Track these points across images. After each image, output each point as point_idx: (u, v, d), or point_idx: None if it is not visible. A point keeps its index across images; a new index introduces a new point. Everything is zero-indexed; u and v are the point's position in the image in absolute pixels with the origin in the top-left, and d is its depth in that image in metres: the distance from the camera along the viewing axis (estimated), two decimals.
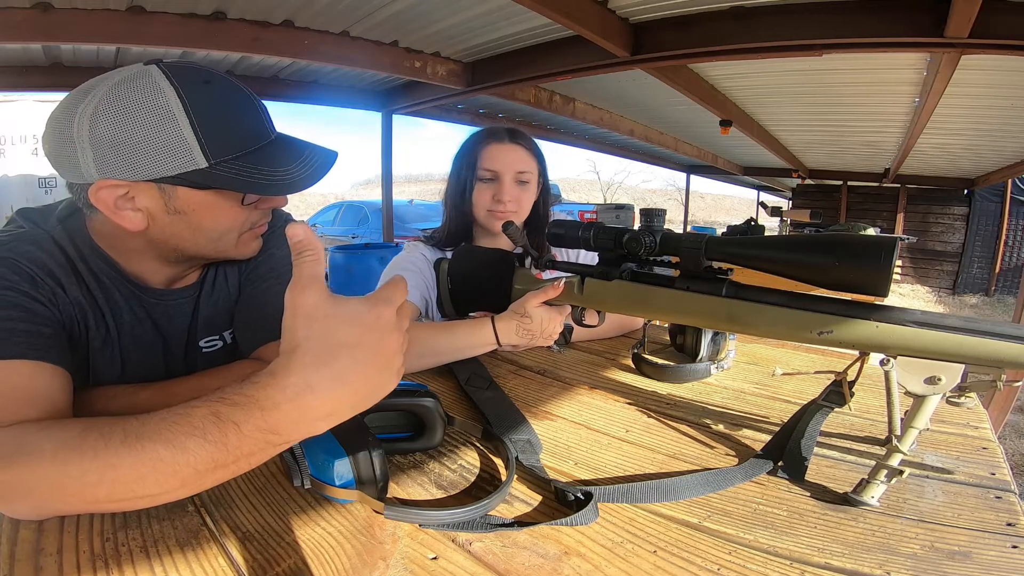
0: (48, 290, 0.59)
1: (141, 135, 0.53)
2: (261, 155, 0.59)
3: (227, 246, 0.66)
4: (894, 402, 0.55)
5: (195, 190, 0.58)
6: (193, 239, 0.63)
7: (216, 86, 0.58)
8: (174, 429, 0.41)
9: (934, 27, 2.14)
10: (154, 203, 0.58)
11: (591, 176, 33.04)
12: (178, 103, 0.54)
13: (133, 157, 0.54)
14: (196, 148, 0.55)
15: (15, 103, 5.49)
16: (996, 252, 8.41)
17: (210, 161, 0.55)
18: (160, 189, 0.57)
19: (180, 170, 0.55)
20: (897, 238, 0.48)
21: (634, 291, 0.69)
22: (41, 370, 0.52)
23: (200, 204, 0.59)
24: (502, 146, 1.09)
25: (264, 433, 0.41)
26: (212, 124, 0.55)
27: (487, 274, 0.91)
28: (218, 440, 0.40)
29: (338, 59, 3.18)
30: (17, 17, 2.39)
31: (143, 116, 0.53)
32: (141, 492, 0.41)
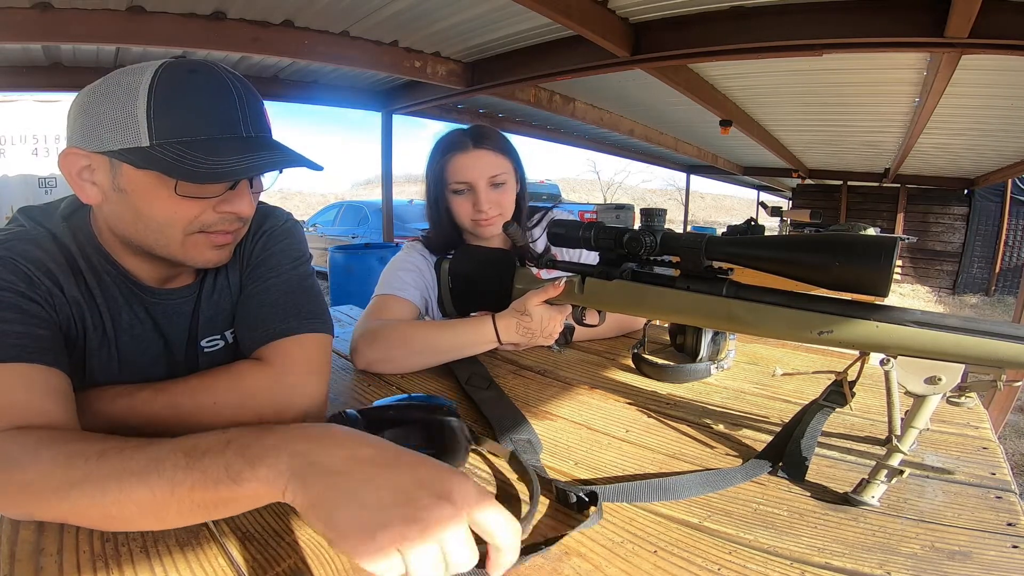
0: (45, 290, 0.59)
1: (103, 108, 0.56)
2: (209, 145, 0.56)
3: (170, 242, 0.62)
4: (894, 402, 0.55)
5: (134, 169, 0.57)
6: (134, 224, 0.61)
7: (199, 75, 0.57)
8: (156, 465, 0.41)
9: (934, 27, 2.14)
10: (105, 178, 0.58)
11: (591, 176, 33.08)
12: (147, 83, 0.55)
13: (92, 128, 0.56)
14: (143, 126, 0.55)
15: (15, 103, 5.49)
16: (996, 252, 8.41)
17: (152, 141, 0.55)
18: (111, 164, 0.57)
19: (122, 145, 0.55)
20: (897, 238, 0.48)
21: (635, 291, 0.69)
22: (36, 373, 0.52)
23: (139, 184, 0.58)
24: (467, 155, 1.04)
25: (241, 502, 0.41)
26: (167, 107, 0.55)
27: (488, 273, 0.91)
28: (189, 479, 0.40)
29: (338, 59, 3.18)
30: (17, 17, 2.39)
31: (114, 92, 0.55)
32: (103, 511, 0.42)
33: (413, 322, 0.98)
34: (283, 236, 0.77)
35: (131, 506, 0.41)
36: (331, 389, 0.77)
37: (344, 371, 0.89)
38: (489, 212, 1.04)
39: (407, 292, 1.02)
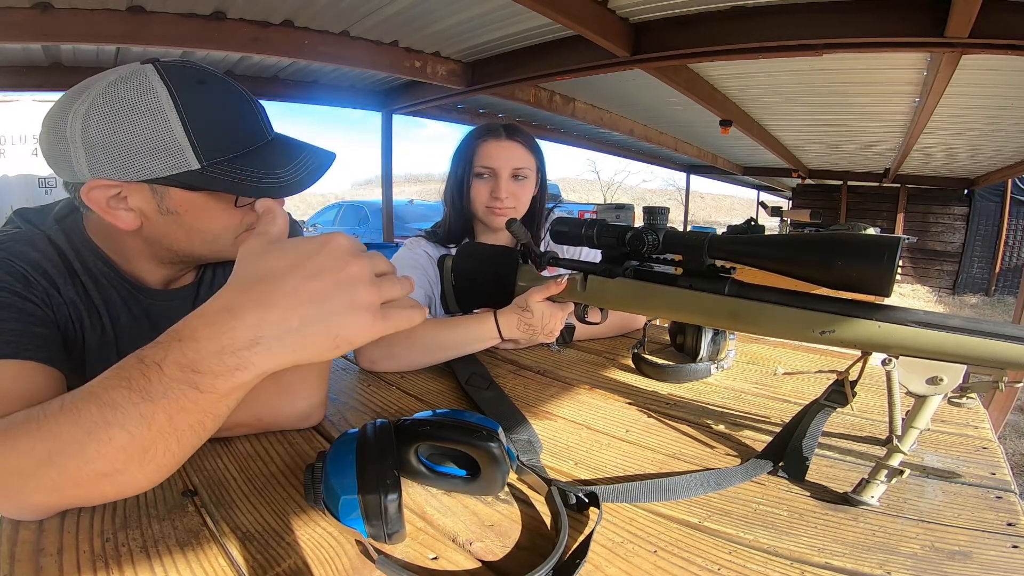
0: (41, 290, 0.59)
1: (132, 135, 0.53)
2: (256, 157, 0.58)
3: (223, 247, 0.65)
4: (895, 402, 0.55)
5: (187, 191, 0.57)
6: (187, 240, 0.62)
7: (211, 86, 0.58)
8: (103, 383, 0.39)
9: (934, 27, 2.14)
10: (146, 203, 0.58)
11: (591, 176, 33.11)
12: (170, 103, 0.53)
13: (124, 157, 0.53)
14: (188, 149, 0.54)
15: (15, 103, 5.48)
16: (996, 252, 8.42)
17: (202, 163, 0.55)
18: (152, 189, 0.57)
19: (171, 171, 0.54)
20: (900, 238, 0.48)
21: (637, 289, 0.69)
22: (30, 370, 0.51)
23: (193, 205, 0.59)
24: (499, 143, 1.09)
25: (186, 373, 0.37)
26: (205, 125, 0.55)
27: (491, 271, 0.91)
28: (142, 388, 0.38)
29: (338, 59, 3.19)
30: (17, 17, 2.39)
31: (135, 116, 0.53)
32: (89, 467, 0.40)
33: None
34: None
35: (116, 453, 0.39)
36: (331, 389, 0.77)
37: (344, 371, 0.89)
38: (505, 201, 1.06)
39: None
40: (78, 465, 0.40)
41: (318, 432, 0.67)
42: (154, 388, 0.38)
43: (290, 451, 0.62)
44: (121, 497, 0.48)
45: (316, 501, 0.48)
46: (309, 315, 0.37)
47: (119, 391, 0.38)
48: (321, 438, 0.66)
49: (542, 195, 1.17)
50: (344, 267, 0.38)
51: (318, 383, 0.68)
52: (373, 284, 0.39)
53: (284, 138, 0.64)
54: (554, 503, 0.50)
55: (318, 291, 0.38)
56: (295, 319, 0.37)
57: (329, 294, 0.38)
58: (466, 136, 1.15)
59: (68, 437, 0.39)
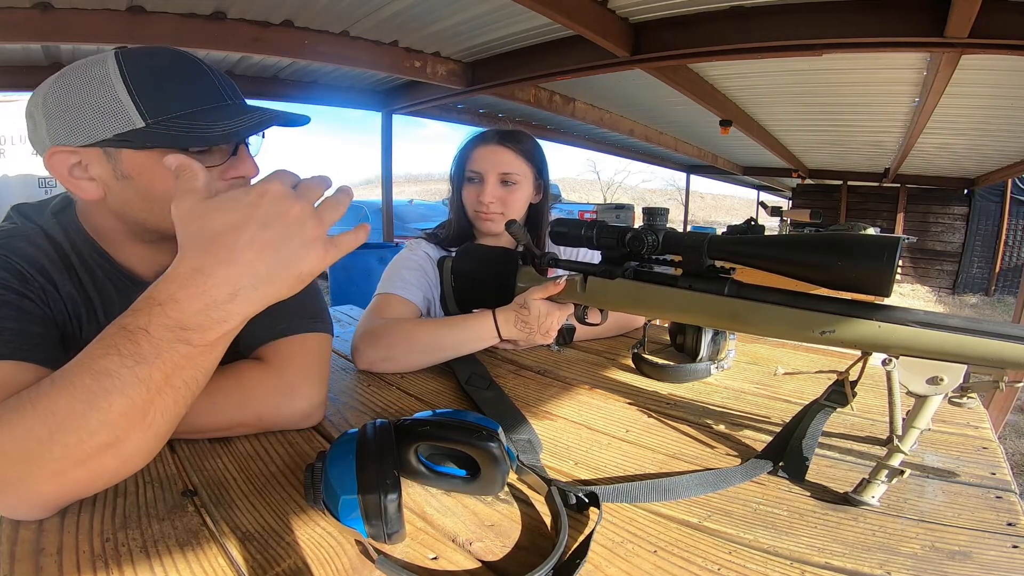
0: (38, 286, 0.59)
1: (81, 101, 0.55)
2: (204, 114, 0.58)
3: None
4: (896, 402, 0.55)
5: (137, 151, 0.57)
6: (149, 208, 0.61)
7: (162, 55, 0.59)
8: (91, 353, 0.41)
9: (934, 27, 2.14)
10: (104, 170, 0.58)
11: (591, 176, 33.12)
12: (116, 69, 0.55)
13: (75, 122, 0.55)
14: (132, 108, 0.55)
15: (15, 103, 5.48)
16: (996, 252, 8.41)
17: (147, 121, 0.55)
18: (106, 154, 0.57)
19: (118, 131, 0.55)
20: (900, 238, 0.48)
21: (636, 289, 0.69)
22: (27, 371, 0.51)
23: (144, 166, 0.58)
24: (488, 147, 1.09)
25: (175, 331, 0.41)
26: (149, 86, 0.56)
27: (490, 272, 0.91)
28: (133, 352, 0.40)
29: (338, 59, 3.18)
30: (17, 17, 2.39)
31: (84, 84, 0.55)
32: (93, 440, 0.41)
33: (414, 320, 0.98)
34: None
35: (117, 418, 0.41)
36: (331, 389, 0.77)
37: (344, 371, 0.89)
38: (490, 206, 1.06)
39: (409, 291, 1.02)
40: (81, 439, 0.41)
41: (318, 432, 0.67)
42: (145, 351, 0.41)
43: (290, 451, 0.62)
44: (123, 473, 0.47)
45: (316, 501, 0.48)
46: (271, 261, 0.42)
47: (110, 359, 0.41)
48: (321, 438, 0.66)
49: (544, 200, 1.17)
50: (288, 210, 0.42)
51: (318, 383, 0.68)
52: (316, 218, 0.44)
53: (250, 104, 0.63)
54: (554, 503, 0.50)
55: (273, 238, 0.42)
56: (261, 267, 0.42)
57: (283, 238, 0.42)
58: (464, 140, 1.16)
59: (67, 410, 0.40)
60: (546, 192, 1.17)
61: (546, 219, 1.17)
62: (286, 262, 0.42)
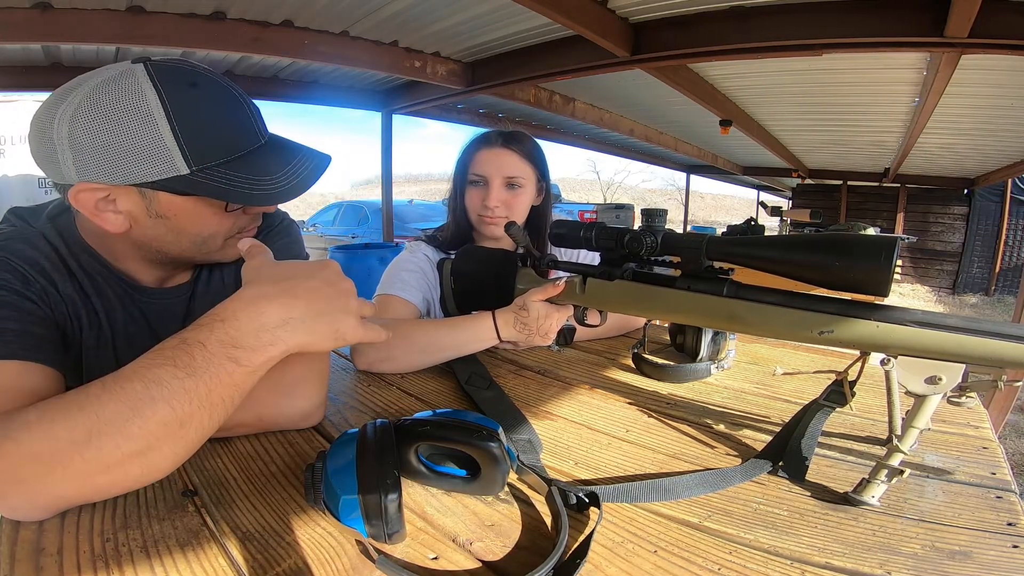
0: (40, 288, 0.58)
1: (120, 139, 0.52)
2: (247, 162, 0.57)
3: (212, 249, 0.65)
4: (895, 402, 0.55)
5: (177, 196, 0.57)
6: (177, 242, 0.62)
7: (202, 89, 0.56)
8: (146, 363, 0.43)
9: (934, 27, 2.14)
10: (135, 206, 0.57)
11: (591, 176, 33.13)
12: (159, 106, 0.52)
13: (112, 162, 0.52)
14: (177, 154, 0.53)
15: (15, 103, 5.48)
16: (996, 252, 8.41)
17: (192, 168, 0.54)
18: (141, 193, 0.56)
19: (160, 176, 0.54)
20: (898, 238, 0.48)
21: (636, 291, 0.69)
22: (31, 370, 0.51)
23: (182, 210, 0.58)
24: (492, 150, 1.08)
25: (227, 348, 0.44)
26: (195, 129, 0.54)
27: (490, 273, 0.91)
28: (187, 365, 0.43)
29: (338, 59, 3.18)
30: (17, 17, 2.39)
31: (123, 120, 0.52)
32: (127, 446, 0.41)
33: (413, 320, 0.98)
34: (280, 235, 0.78)
35: (156, 428, 0.42)
36: (331, 389, 0.77)
37: (344, 371, 0.89)
38: (495, 210, 1.05)
39: (408, 292, 1.02)
40: (117, 444, 0.42)
41: (318, 432, 0.67)
42: (198, 364, 0.43)
43: (290, 451, 0.62)
44: (141, 483, 0.48)
45: (316, 501, 0.48)
46: (322, 308, 0.48)
47: (164, 368, 0.43)
48: (321, 438, 0.66)
49: (546, 203, 1.16)
50: (340, 282, 0.51)
51: (318, 383, 0.68)
52: (357, 299, 0.52)
53: (279, 140, 0.63)
54: (554, 503, 0.50)
55: (328, 294, 0.49)
56: (313, 309, 0.47)
57: (334, 297, 0.49)
58: (465, 144, 1.14)
59: (111, 415, 0.41)
60: (548, 194, 1.16)
61: (547, 221, 1.17)
62: (331, 315, 0.48)
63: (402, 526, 0.45)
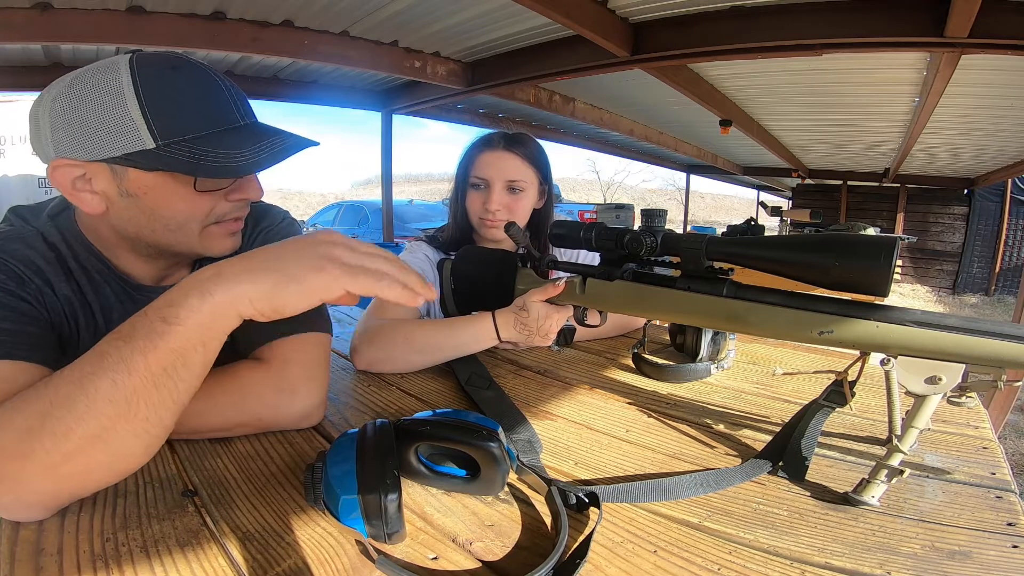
0: (35, 288, 0.58)
1: (90, 115, 0.54)
2: (216, 139, 0.57)
3: (188, 238, 0.63)
4: (894, 402, 0.55)
5: (144, 172, 0.57)
6: (150, 226, 0.61)
7: (181, 71, 0.57)
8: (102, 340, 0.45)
9: (934, 27, 2.14)
10: (109, 185, 0.57)
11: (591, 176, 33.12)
12: (130, 84, 0.54)
13: (83, 136, 0.54)
14: (144, 128, 0.54)
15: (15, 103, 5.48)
16: (996, 252, 8.42)
17: (157, 142, 0.55)
18: (113, 171, 0.57)
19: (126, 150, 0.54)
20: (897, 238, 0.48)
21: (635, 291, 0.69)
22: (24, 370, 0.51)
23: (150, 187, 0.58)
24: (494, 153, 1.07)
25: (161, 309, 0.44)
26: (163, 106, 0.55)
27: (490, 274, 0.91)
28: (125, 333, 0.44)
29: (338, 59, 3.19)
30: (17, 17, 2.40)
31: (95, 96, 0.54)
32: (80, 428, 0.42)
33: (413, 321, 0.98)
34: (280, 235, 0.77)
35: (103, 405, 0.42)
36: (331, 389, 0.77)
37: (344, 371, 0.89)
38: (496, 214, 1.05)
39: None
40: (69, 427, 0.42)
41: (318, 432, 0.67)
42: (134, 331, 0.43)
43: (290, 451, 0.62)
44: (117, 471, 0.48)
45: (316, 501, 0.48)
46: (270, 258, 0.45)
47: (108, 342, 0.44)
48: (321, 438, 0.66)
49: (548, 205, 1.16)
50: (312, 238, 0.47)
51: (318, 383, 0.68)
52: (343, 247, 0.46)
53: (259, 125, 0.62)
54: (554, 503, 0.51)
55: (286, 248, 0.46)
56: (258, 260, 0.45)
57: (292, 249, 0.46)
58: (467, 145, 1.13)
59: (61, 397, 0.43)
60: (550, 197, 1.16)
61: (549, 222, 1.17)
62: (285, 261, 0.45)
63: (402, 526, 0.45)
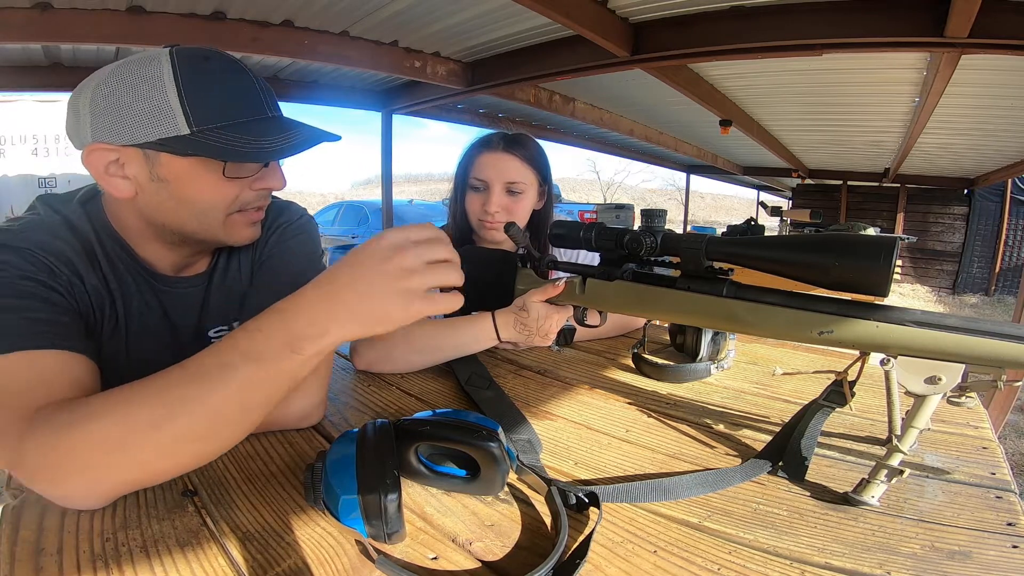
0: (65, 279, 0.59)
1: (131, 100, 0.56)
2: (246, 127, 0.59)
3: (213, 224, 0.64)
4: (894, 402, 0.55)
5: (177, 157, 0.58)
6: (176, 212, 0.62)
7: (214, 63, 0.60)
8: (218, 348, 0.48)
9: (934, 27, 2.14)
10: (140, 170, 0.59)
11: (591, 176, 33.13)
12: (170, 73, 0.56)
13: (121, 121, 0.56)
14: (180, 115, 0.56)
15: (15, 103, 5.48)
16: (996, 252, 8.41)
17: (192, 128, 0.56)
18: (145, 155, 0.58)
19: (162, 135, 0.56)
20: (897, 238, 0.48)
21: (635, 291, 0.69)
22: (68, 359, 0.53)
23: (182, 172, 0.59)
24: (493, 155, 1.07)
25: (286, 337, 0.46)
26: (199, 94, 0.57)
27: (489, 274, 0.91)
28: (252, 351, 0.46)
29: (338, 59, 3.18)
30: (17, 17, 2.39)
31: (136, 84, 0.56)
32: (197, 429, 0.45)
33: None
34: (297, 231, 0.78)
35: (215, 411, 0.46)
36: (331, 389, 0.77)
37: (344, 371, 0.89)
38: (496, 216, 1.05)
39: None
40: (189, 425, 0.45)
41: (318, 432, 0.67)
42: (261, 351, 0.46)
43: (290, 451, 0.62)
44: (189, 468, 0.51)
45: (316, 501, 0.48)
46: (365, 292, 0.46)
47: (235, 354, 0.46)
48: (321, 438, 0.66)
49: (548, 206, 1.16)
50: (394, 257, 0.47)
51: (318, 383, 0.68)
52: (416, 274, 0.47)
53: (285, 118, 0.64)
54: (554, 503, 0.51)
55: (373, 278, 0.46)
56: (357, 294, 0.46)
57: (380, 280, 0.46)
58: (467, 146, 1.13)
59: (189, 396, 0.45)
60: (549, 197, 1.15)
61: (548, 223, 1.17)
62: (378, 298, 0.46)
63: (402, 526, 0.45)
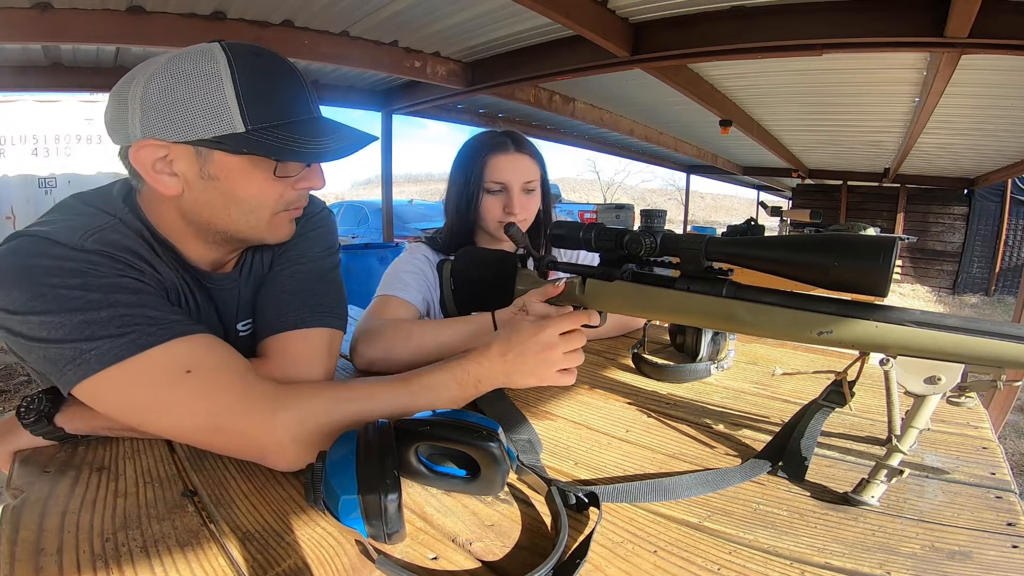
0: (150, 275, 0.60)
1: (187, 96, 0.55)
2: (298, 126, 0.60)
3: (260, 223, 0.65)
4: (894, 402, 0.55)
5: (230, 155, 0.58)
6: (225, 209, 0.62)
7: (264, 59, 0.60)
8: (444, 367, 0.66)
9: (934, 27, 2.14)
10: (189, 168, 0.58)
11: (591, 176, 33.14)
12: (227, 70, 0.56)
13: (176, 118, 0.55)
14: (236, 113, 0.56)
15: (15, 103, 5.48)
16: (996, 252, 8.41)
17: (248, 127, 0.56)
18: (197, 153, 0.58)
19: (218, 133, 0.56)
20: (896, 238, 0.48)
21: (635, 292, 0.68)
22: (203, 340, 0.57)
23: (234, 170, 0.59)
24: (509, 156, 1.07)
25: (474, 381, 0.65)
26: (255, 91, 0.57)
27: (489, 275, 0.91)
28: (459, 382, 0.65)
29: (338, 59, 3.18)
30: (17, 17, 2.39)
31: (193, 80, 0.55)
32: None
33: (413, 321, 0.98)
34: (317, 224, 0.78)
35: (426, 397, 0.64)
36: None
37: (344, 371, 0.89)
38: (518, 215, 1.06)
39: (408, 293, 1.02)
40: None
41: None
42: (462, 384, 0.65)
43: None
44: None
45: (316, 501, 0.48)
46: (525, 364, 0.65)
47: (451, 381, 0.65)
48: None
49: (546, 202, 1.16)
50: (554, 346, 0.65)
51: (319, 379, 0.68)
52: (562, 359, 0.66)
53: (329, 119, 0.65)
54: (554, 503, 0.51)
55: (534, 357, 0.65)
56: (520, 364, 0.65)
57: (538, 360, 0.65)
58: (468, 149, 1.12)
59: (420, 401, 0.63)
60: (547, 193, 1.16)
61: (548, 218, 1.17)
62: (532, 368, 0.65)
63: (402, 526, 0.45)
